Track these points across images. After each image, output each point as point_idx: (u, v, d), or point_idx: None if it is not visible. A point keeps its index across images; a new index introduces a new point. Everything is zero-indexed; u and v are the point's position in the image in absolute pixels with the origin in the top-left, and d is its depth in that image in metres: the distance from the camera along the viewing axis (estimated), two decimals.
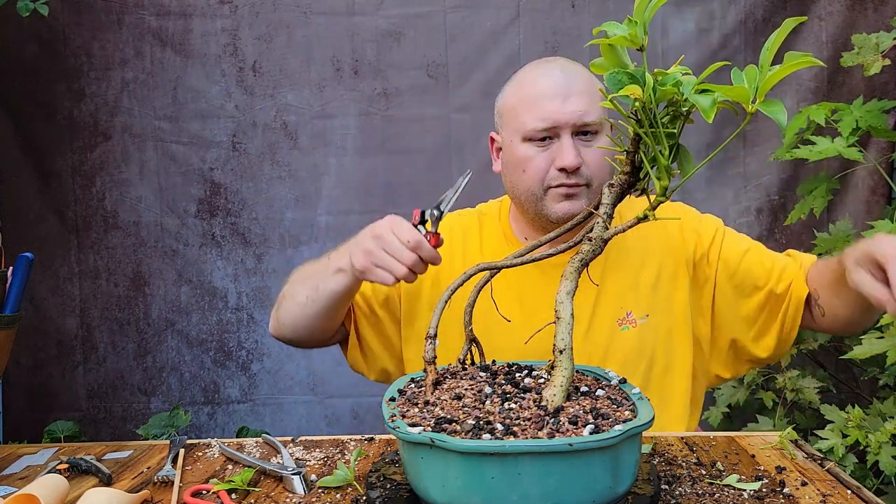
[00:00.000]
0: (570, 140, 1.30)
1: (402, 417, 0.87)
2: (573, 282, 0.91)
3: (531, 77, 1.37)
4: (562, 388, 0.87)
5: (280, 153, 2.45)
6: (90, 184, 2.44)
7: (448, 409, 0.89)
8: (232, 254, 2.47)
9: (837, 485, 0.97)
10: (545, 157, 1.32)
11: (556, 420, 0.82)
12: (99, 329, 2.47)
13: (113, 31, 2.41)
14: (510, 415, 0.85)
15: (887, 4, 2.27)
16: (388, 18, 2.42)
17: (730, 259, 1.39)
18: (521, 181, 1.35)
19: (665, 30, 2.37)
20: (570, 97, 1.30)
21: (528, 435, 0.79)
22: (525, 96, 1.34)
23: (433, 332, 0.97)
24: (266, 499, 0.99)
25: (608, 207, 0.94)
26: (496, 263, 1.02)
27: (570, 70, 1.35)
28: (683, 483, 0.97)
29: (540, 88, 1.33)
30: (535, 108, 1.31)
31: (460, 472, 0.78)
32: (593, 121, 1.31)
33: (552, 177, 1.31)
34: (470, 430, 0.81)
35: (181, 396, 2.48)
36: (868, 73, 1.88)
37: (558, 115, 1.30)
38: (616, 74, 0.84)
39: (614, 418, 0.82)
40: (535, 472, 0.76)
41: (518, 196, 1.38)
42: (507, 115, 1.38)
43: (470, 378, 0.99)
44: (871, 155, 2.13)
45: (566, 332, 0.88)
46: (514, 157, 1.35)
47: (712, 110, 0.80)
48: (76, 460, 1.12)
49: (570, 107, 1.30)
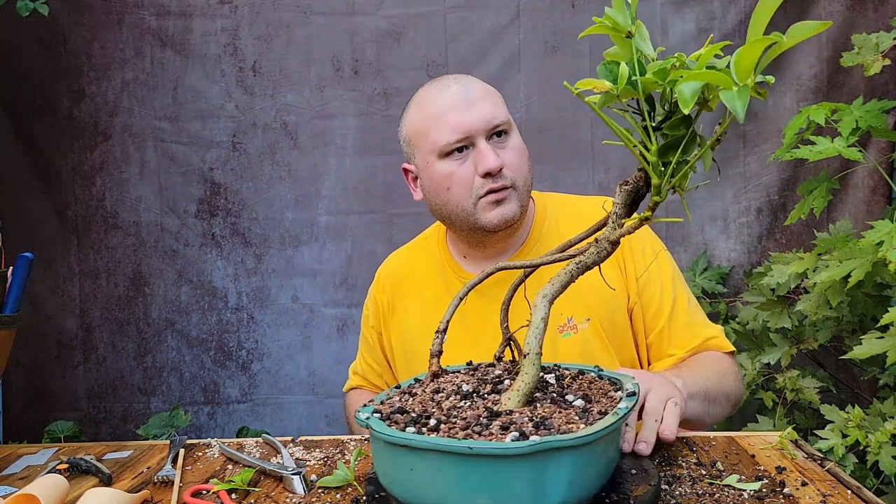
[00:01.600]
0: (487, 144, 1.30)
1: (381, 404, 0.91)
2: (559, 286, 0.87)
3: (430, 96, 1.36)
4: (519, 393, 0.85)
5: (280, 153, 2.45)
6: (90, 184, 2.44)
7: (419, 401, 0.91)
8: (232, 254, 2.47)
9: (837, 485, 0.97)
10: (466, 168, 1.31)
11: (488, 422, 0.80)
12: (99, 329, 2.47)
13: (113, 31, 2.41)
14: (454, 413, 0.85)
15: (887, 4, 2.27)
16: (388, 18, 2.42)
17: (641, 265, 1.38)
18: (449, 199, 1.33)
19: (665, 30, 2.37)
20: (474, 104, 1.31)
21: (449, 434, 0.79)
22: (430, 115, 1.34)
23: (443, 326, 0.97)
24: (266, 499, 0.99)
25: (619, 207, 0.88)
26: (515, 263, 0.98)
27: (465, 81, 1.35)
28: (683, 483, 0.97)
29: (442, 104, 1.32)
30: (444, 123, 1.31)
31: (386, 459, 0.83)
32: (502, 121, 1.32)
33: (478, 185, 1.30)
34: (408, 422, 0.83)
35: (181, 396, 2.48)
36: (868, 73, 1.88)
37: (469, 123, 1.29)
38: (607, 66, 0.80)
39: (555, 429, 0.78)
40: (450, 470, 0.76)
41: (448, 216, 1.36)
42: (417, 139, 1.37)
43: (469, 375, 0.99)
44: (871, 155, 2.13)
45: (532, 336, 0.85)
46: (434, 177, 1.34)
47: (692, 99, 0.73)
48: (76, 460, 1.12)
49: (477, 113, 1.30)
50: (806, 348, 2.02)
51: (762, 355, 2.04)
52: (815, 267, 1.83)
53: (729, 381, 1.34)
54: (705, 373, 1.30)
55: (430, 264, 1.49)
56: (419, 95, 1.40)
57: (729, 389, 1.33)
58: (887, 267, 1.55)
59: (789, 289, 1.95)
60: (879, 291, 1.88)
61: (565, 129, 2.40)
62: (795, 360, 2.10)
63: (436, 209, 1.39)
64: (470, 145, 1.31)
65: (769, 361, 2.02)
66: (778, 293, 2.04)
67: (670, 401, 1.09)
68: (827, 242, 1.88)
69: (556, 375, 0.98)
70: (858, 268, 1.65)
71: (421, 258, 1.51)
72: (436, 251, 1.49)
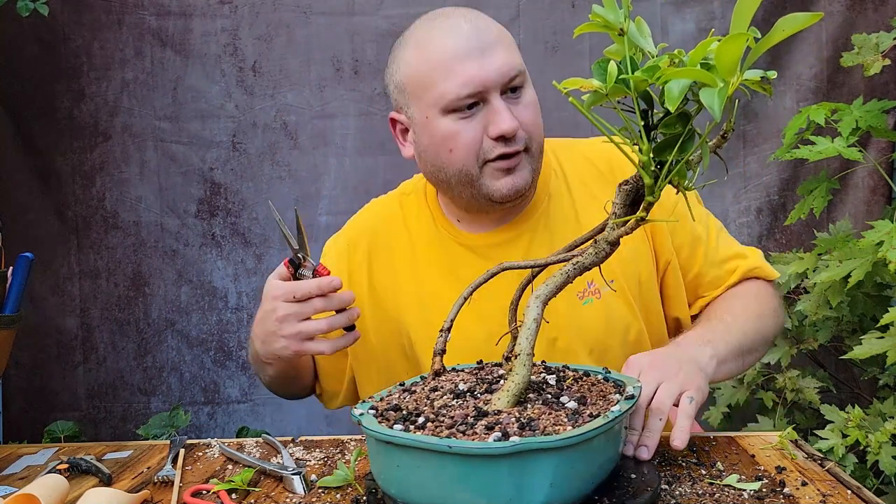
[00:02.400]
0: (502, 102, 1.12)
1: (380, 401, 0.92)
2: (553, 287, 0.86)
3: (435, 37, 1.15)
4: (508, 393, 0.85)
5: (280, 153, 2.44)
6: (90, 184, 2.44)
7: (414, 399, 0.91)
8: (232, 254, 2.47)
9: (837, 485, 0.97)
10: (474, 128, 1.13)
11: (474, 422, 0.81)
12: (99, 329, 2.47)
13: (113, 31, 2.41)
14: (443, 411, 0.85)
15: (887, 4, 2.27)
16: (388, 18, 2.42)
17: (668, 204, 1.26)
18: (451, 162, 1.15)
19: (665, 30, 2.37)
20: (489, 51, 1.11)
21: (434, 432, 0.80)
22: (435, 62, 1.13)
23: (448, 325, 0.96)
24: (266, 499, 0.99)
25: (619, 207, 0.86)
26: (520, 263, 0.95)
27: (476, 19, 1.16)
28: (683, 483, 0.97)
29: (451, 48, 1.12)
30: (453, 73, 1.11)
31: (376, 456, 0.85)
32: (519, 71, 1.14)
33: (487, 148, 1.13)
34: (398, 420, 0.83)
35: (181, 396, 2.48)
36: (868, 73, 1.88)
37: (484, 76, 1.10)
38: (601, 64, 0.77)
39: (541, 430, 0.78)
40: (432, 468, 0.77)
41: (447, 180, 1.18)
42: (416, 88, 1.16)
43: (471, 374, 0.99)
44: (871, 155, 2.13)
45: (524, 336, 0.85)
46: (435, 135, 1.15)
47: (679, 97, 0.71)
48: (76, 460, 1.12)
49: (493, 62, 1.11)
50: (806, 348, 2.02)
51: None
52: (815, 267, 1.83)
53: (766, 322, 1.24)
54: (740, 324, 1.19)
55: (419, 220, 1.30)
56: (420, 32, 1.18)
57: (766, 331, 1.24)
58: (887, 267, 1.55)
59: (789, 289, 1.95)
60: (879, 291, 1.88)
61: (565, 130, 2.38)
62: (795, 360, 2.09)
63: (432, 171, 1.21)
64: (481, 101, 1.13)
65: (769, 361, 2.01)
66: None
67: (684, 395, 0.99)
68: (827, 242, 1.88)
69: (559, 376, 0.97)
70: (858, 268, 1.65)
71: (408, 216, 1.32)
72: (423, 206, 1.31)
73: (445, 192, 1.25)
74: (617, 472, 0.92)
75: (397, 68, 1.21)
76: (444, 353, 0.97)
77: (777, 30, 0.70)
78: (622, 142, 0.80)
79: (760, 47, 0.70)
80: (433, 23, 1.18)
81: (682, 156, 0.78)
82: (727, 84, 0.70)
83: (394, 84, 1.22)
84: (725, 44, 0.68)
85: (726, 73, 0.70)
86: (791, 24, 0.69)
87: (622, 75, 0.76)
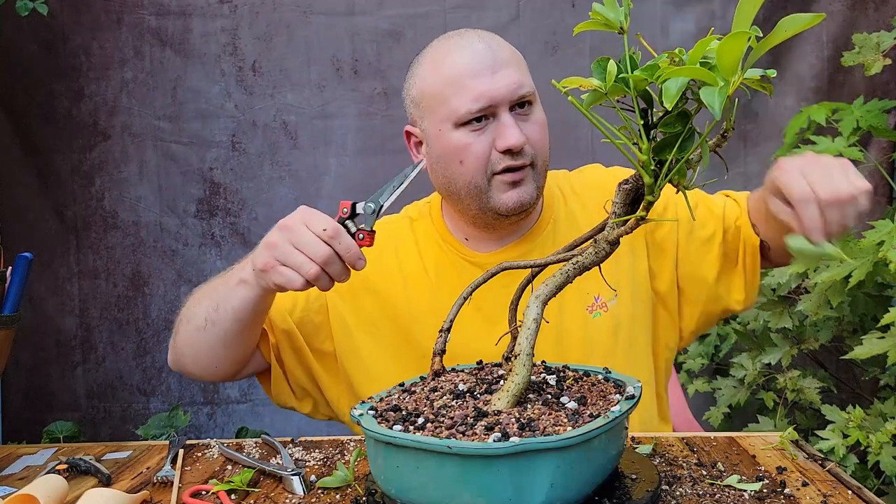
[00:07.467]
0: (510, 117, 1.18)
1: (380, 401, 0.92)
2: (553, 287, 0.86)
3: (450, 55, 1.21)
4: (508, 393, 0.85)
5: (280, 153, 2.44)
6: (89, 184, 2.44)
7: (414, 399, 0.91)
8: (232, 254, 2.46)
9: (838, 485, 0.96)
10: (484, 141, 1.18)
11: (474, 422, 0.80)
12: (98, 329, 2.47)
13: (113, 30, 2.41)
14: (442, 412, 0.85)
15: (888, 4, 2.27)
16: (388, 18, 2.42)
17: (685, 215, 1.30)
18: (461, 173, 1.21)
19: (665, 29, 2.37)
20: (500, 69, 1.18)
21: (434, 433, 0.80)
22: (448, 77, 1.19)
23: (447, 326, 0.96)
24: (265, 499, 0.99)
25: (619, 207, 0.86)
26: (520, 263, 0.96)
27: (489, 40, 1.22)
28: (684, 483, 0.97)
29: (464, 66, 1.18)
30: (465, 89, 1.17)
31: (376, 456, 0.84)
32: (528, 91, 1.20)
33: (495, 161, 1.19)
34: (397, 420, 0.83)
35: (180, 396, 2.48)
36: (869, 72, 1.88)
37: (493, 92, 1.17)
38: (600, 63, 0.77)
39: (541, 431, 0.78)
40: (431, 468, 0.77)
41: (457, 191, 1.23)
42: (430, 102, 1.22)
43: (470, 374, 0.99)
44: (871, 155, 2.13)
45: (524, 337, 0.84)
46: (447, 147, 1.21)
47: (677, 95, 0.71)
48: (75, 460, 1.12)
49: (502, 80, 1.17)
50: (807, 348, 2.02)
51: (763, 355, 2.04)
52: (815, 267, 1.83)
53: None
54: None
55: (427, 238, 1.34)
56: (436, 51, 1.25)
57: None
58: (888, 267, 1.55)
59: (790, 289, 1.95)
60: (880, 291, 1.88)
61: (565, 130, 2.40)
62: (796, 360, 2.09)
63: (443, 182, 1.26)
64: (491, 115, 1.18)
65: (770, 362, 2.01)
66: (779, 293, 2.04)
67: (836, 163, 1.01)
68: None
69: (559, 377, 0.97)
70: (859, 268, 1.65)
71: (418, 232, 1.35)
72: (430, 227, 1.35)
73: (455, 205, 1.28)
74: (617, 473, 0.92)
75: (413, 83, 1.27)
76: (444, 353, 0.97)
77: (779, 30, 0.70)
78: (622, 141, 0.80)
79: (762, 47, 0.70)
80: (449, 41, 1.24)
81: (682, 155, 0.78)
82: (728, 83, 0.70)
83: (410, 98, 1.28)
84: (727, 42, 0.68)
85: (727, 71, 0.70)
86: (793, 24, 0.69)
87: (621, 74, 0.76)
